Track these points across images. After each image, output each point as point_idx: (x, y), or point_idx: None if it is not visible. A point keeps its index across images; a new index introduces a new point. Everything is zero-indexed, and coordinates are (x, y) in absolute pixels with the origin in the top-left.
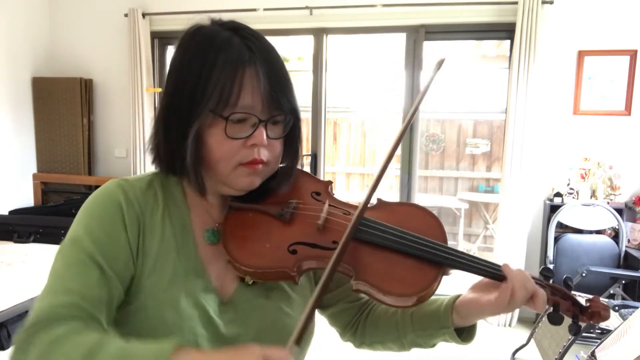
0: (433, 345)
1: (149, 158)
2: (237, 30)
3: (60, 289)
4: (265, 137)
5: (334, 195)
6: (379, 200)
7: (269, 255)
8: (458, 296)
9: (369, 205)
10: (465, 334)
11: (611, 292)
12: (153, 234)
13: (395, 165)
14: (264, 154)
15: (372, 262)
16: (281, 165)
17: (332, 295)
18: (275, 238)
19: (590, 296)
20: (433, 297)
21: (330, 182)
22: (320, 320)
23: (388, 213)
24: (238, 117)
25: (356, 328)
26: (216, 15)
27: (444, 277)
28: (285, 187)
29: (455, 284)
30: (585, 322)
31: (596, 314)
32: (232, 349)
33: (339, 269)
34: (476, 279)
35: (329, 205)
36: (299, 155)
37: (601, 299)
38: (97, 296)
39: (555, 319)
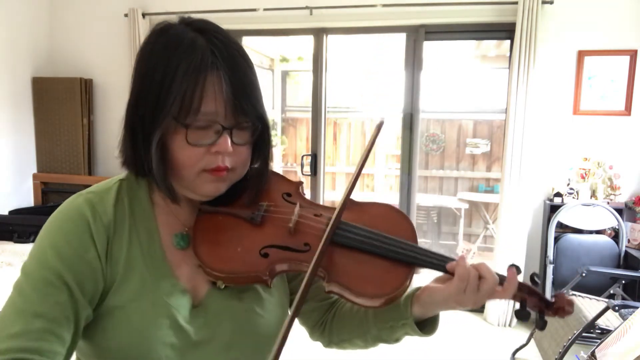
0: (397, 340)
1: None
2: (203, 31)
3: (28, 311)
4: (229, 144)
5: (305, 196)
6: (350, 200)
7: (241, 259)
8: (419, 288)
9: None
10: (427, 326)
11: (611, 292)
12: (120, 245)
13: (395, 165)
14: (228, 161)
15: (344, 263)
16: (254, 167)
17: None
18: (247, 241)
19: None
20: None
21: (301, 183)
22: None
23: (358, 213)
24: (199, 124)
25: (324, 327)
26: (186, 15)
27: (415, 276)
28: (256, 190)
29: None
30: (551, 317)
31: (561, 309)
32: None
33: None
34: None
35: (300, 207)
36: (269, 158)
37: (567, 293)
38: (65, 317)
39: (522, 315)
